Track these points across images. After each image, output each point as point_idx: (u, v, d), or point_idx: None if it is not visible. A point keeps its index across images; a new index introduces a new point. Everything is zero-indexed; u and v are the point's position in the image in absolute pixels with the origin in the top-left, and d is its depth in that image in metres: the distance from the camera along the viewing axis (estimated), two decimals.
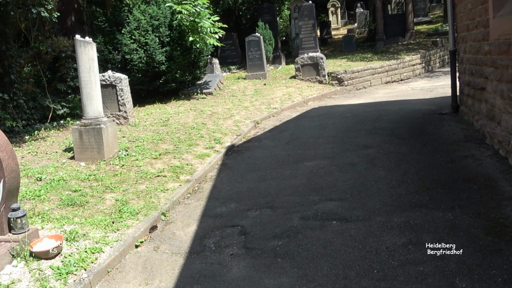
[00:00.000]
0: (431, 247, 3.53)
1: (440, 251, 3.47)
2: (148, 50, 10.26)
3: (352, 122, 8.35)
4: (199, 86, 11.83)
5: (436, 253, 3.45)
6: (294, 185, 5.31)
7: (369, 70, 13.38)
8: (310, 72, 12.96)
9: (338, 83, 12.81)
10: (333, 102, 11.19)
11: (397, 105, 9.57)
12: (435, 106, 8.85)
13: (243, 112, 9.86)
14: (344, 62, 14.77)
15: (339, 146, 6.79)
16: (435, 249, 3.50)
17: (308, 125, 8.60)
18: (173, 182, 5.58)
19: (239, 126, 8.71)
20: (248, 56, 13.28)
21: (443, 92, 10.71)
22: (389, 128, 7.55)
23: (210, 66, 13.37)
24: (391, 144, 6.57)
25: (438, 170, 5.22)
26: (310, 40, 15.74)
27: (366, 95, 11.84)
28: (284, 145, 7.31)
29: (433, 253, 3.46)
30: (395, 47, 17.25)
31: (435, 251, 3.47)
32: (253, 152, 7.07)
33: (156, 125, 8.29)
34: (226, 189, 5.49)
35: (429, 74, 14.84)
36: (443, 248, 3.49)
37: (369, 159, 5.97)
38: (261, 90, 11.93)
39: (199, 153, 6.81)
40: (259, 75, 13.30)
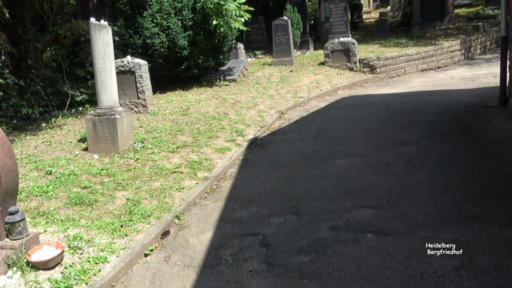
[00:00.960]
0: (492, 273, 2.95)
1: (501, 280, 2.89)
2: (170, 34, 9.78)
3: (386, 115, 7.69)
4: (223, 73, 11.31)
5: (496, 283, 2.88)
6: (322, 187, 4.76)
7: (404, 57, 12.56)
8: (340, 59, 12.25)
9: (370, 70, 12.07)
10: (365, 91, 10.50)
11: (436, 96, 8.83)
12: (479, 98, 8.09)
13: (268, 101, 9.31)
14: (377, 48, 13.96)
15: (372, 142, 6.19)
16: (495, 277, 2.92)
17: (337, 117, 7.98)
18: (190, 180, 5.11)
19: (263, 116, 8.17)
20: (275, 41, 12.66)
21: (487, 82, 9.88)
22: (428, 122, 6.87)
23: (234, 51, 12.82)
24: (431, 141, 5.92)
25: (489, 174, 4.58)
26: (341, 24, 14.98)
27: (401, 84, 11.08)
28: (312, 139, 6.75)
29: (493, 282, 2.88)
30: (432, 32, 16.25)
31: (495, 281, 2.89)
32: (278, 147, 6.54)
33: (175, 114, 7.84)
34: (247, 189, 4.99)
35: (469, 62, 13.88)
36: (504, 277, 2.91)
37: (407, 158, 5.36)
38: (287, 77, 11.32)
39: (219, 146, 6.32)
40: (285, 61, 12.68)
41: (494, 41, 15.74)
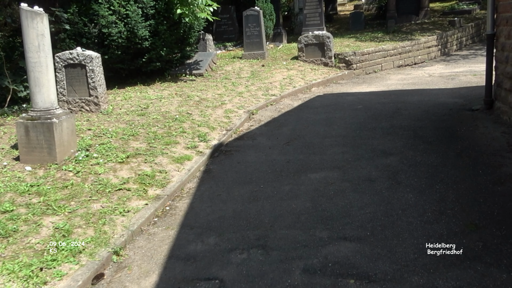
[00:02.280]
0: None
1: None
2: (129, 23, 8.85)
3: (364, 117, 7.04)
4: (189, 66, 10.44)
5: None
6: (295, 211, 4.04)
7: (381, 52, 11.98)
8: (315, 53, 11.56)
9: (345, 66, 11.43)
10: (340, 89, 9.84)
11: (416, 96, 8.25)
12: (462, 99, 7.53)
13: (237, 99, 8.53)
14: (352, 42, 13.34)
15: (351, 151, 5.51)
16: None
17: (312, 119, 7.28)
18: (138, 199, 4.31)
19: (231, 117, 7.40)
20: (246, 32, 11.85)
21: (467, 81, 9.38)
22: (410, 127, 6.25)
23: (202, 43, 11.95)
24: (416, 151, 5.29)
25: (485, 196, 3.95)
26: (315, 17, 14.29)
27: (378, 81, 10.48)
28: (283, 145, 6.02)
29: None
30: (408, 26, 15.76)
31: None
32: (245, 155, 5.79)
33: (132, 114, 6.97)
34: (206, 211, 4.22)
35: (446, 58, 13.44)
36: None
37: (390, 173, 4.70)
38: (258, 73, 10.56)
39: (177, 155, 5.52)
40: (257, 55, 11.91)
41: (470, 37, 15.38)
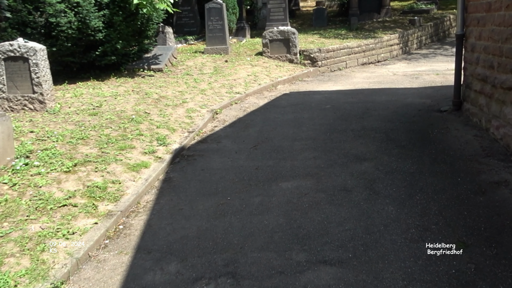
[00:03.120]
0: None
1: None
2: (80, 12, 8.13)
3: (333, 118, 6.72)
4: (147, 61, 9.81)
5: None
6: (267, 228, 3.63)
7: (345, 49, 11.75)
8: (280, 49, 11.18)
9: (311, 63, 11.12)
10: (307, 86, 9.52)
11: (383, 95, 8.02)
12: (430, 100, 7.35)
13: (199, 97, 8.02)
14: (317, 39, 13.06)
15: (323, 156, 5.15)
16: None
17: (279, 119, 6.89)
18: (86, 217, 3.77)
19: (193, 117, 6.89)
20: (208, 26, 11.30)
21: (431, 80, 9.27)
22: (382, 129, 5.98)
23: (162, 36, 11.30)
24: (390, 155, 5.00)
25: (469, 208, 3.69)
26: (279, 11, 13.94)
27: (343, 79, 10.23)
28: (251, 149, 5.60)
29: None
30: (370, 24, 15.68)
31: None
32: (209, 161, 5.32)
33: (82, 114, 6.34)
34: (166, 230, 3.73)
35: (407, 57, 13.42)
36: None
37: (367, 181, 4.37)
38: (221, 69, 10.06)
39: (133, 162, 4.98)
40: (220, 50, 11.39)
41: (429, 36, 15.46)
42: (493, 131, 5.21)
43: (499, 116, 5.10)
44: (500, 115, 5.07)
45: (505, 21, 4.85)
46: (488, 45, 5.38)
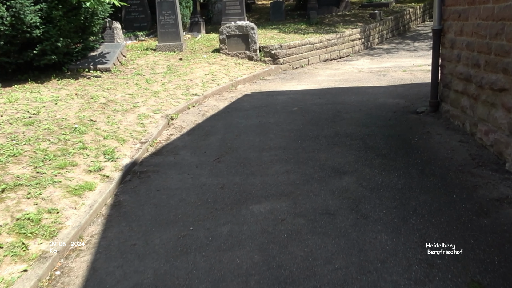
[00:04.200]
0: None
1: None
2: (13, 6, 7.11)
3: (303, 122, 6.13)
4: (93, 60, 8.85)
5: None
6: (240, 269, 2.96)
7: (307, 45, 11.22)
8: (238, 46, 10.49)
9: (272, 60, 10.51)
10: (269, 86, 8.89)
11: (353, 95, 7.51)
12: (403, 100, 6.91)
13: (152, 100, 7.21)
14: (276, 34, 12.46)
15: (296, 170, 4.54)
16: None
17: (243, 125, 6.23)
18: (14, 263, 2.96)
19: (145, 125, 6.10)
20: (160, 21, 10.43)
21: (399, 77, 8.88)
22: (357, 135, 5.44)
23: (109, 32, 10.33)
24: (372, 167, 4.45)
25: (474, 234, 3.17)
26: (236, 5, 13.25)
27: (307, 77, 9.68)
28: (214, 162, 4.90)
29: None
30: (330, 18, 15.27)
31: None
32: (166, 178, 4.58)
33: (16, 123, 5.42)
34: (115, 276, 2.99)
35: (369, 52, 13.09)
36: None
37: (351, 201, 3.79)
38: (176, 67, 9.26)
39: (75, 183, 4.17)
40: (173, 46, 10.56)
41: (390, 30, 15.25)
42: (480, 137, 4.77)
43: (487, 120, 4.67)
44: (489, 119, 4.63)
45: (495, 15, 4.39)
46: (472, 41, 4.93)
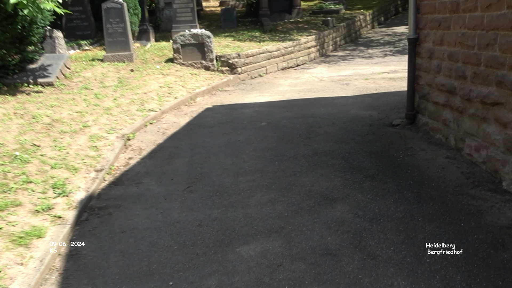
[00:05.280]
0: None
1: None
2: None
3: (276, 140, 5.64)
4: (32, 73, 7.92)
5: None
6: None
7: (265, 53, 10.80)
8: (194, 55, 9.88)
9: (229, 70, 9.98)
10: (230, 98, 8.36)
11: (321, 107, 7.14)
12: (376, 111, 6.61)
13: (104, 118, 6.47)
14: (231, 42, 11.95)
15: (281, 198, 4.03)
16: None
17: (211, 144, 5.65)
18: None
19: (99, 148, 5.38)
20: (107, 29, 9.61)
21: (363, 86, 8.62)
22: (337, 153, 5.03)
23: (50, 41, 9.37)
24: (363, 192, 4.03)
25: (500, 273, 2.81)
26: (187, 12, 12.64)
27: (268, 87, 9.24)
28: (184, 192, 4.30)
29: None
30: (283, 25, 14.97)
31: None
32: (131, 214, 3.93)
33: None
34: None
35: (325, 59, 12.88)
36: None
37: (352, 235, 3.33)
38: (128, 80, 8.50)
39: (20, 229, 3.44)
40: (123, 57, 9.78)
41: (343, 37, 15.16)
42: (470, 153, 4.49)
43: (476, 135, 4.39)
44: (478, 134, 4.36)
45: (485, 24, 4.12)
46: (456, 51, 4.66)
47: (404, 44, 13.76)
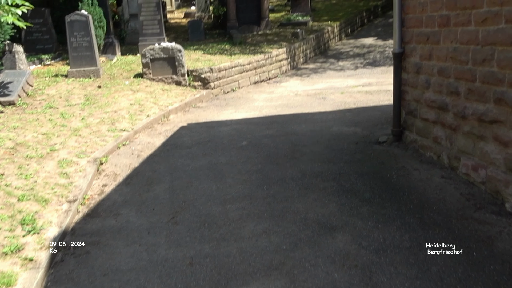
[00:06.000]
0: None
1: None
2: None
3: (260, 161, 5.36)
4: None
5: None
6: None
7: (237, 67, 10.53)
8: (164, 70, 9.48)
9: (202, 85, 9.64)
10: (205, 115, 8.02)
11: (302, 123, 6.91)
12: (359, 128, 6.44)
13: (73, 140, 6.00)
14: (201, 55, 11.63)
15: (275, 228, 3.74)
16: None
17: (191, 168, 5.30)
18: None
19: (70, 175, 4.93)
20: (71, 44, 9.08)
21: (341, 101, 8.47)
22: (327, 174, 4.79)
23: (9, 57, 8.75)
24: (363, 218, 3.80)
25: None
26: (154, 24, 12.24)
27: (243, 103, 8.96)
28: (169, 224, 3.93)
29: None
30: (252, 37, 14.78)
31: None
32: (112, 253, 3.52)
33: None
34: None
35: (297, 72, 12.75)
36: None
37: (360, 271, 3.07)
38: (96, 97, 8.02)
39: None
40: (88, 72, 9.26)
41: (312, 49, 15.11)
42: (466, 172, 4.35)
43: (473, 154, 4.25)
44: (475, 153, 4.22)
45: (480, 39, 3.99)
46: (447, 66, 4.53)
47: (373, 56, 13.86)
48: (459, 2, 4.25)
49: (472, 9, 4.07)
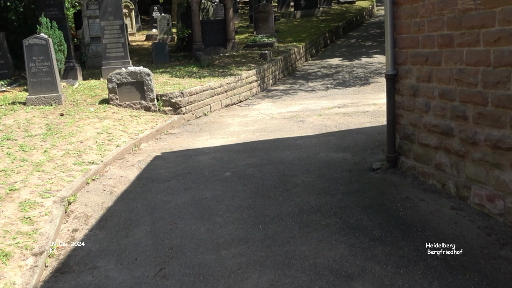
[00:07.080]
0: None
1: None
2: None
3: (248, 194, 4.86)
4: None
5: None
6: None
7: (208, 90, 10.05)
8: (132, 95, 8.88)
9: (172, 110, 9.09)
10: (179, 143, 7.46)
11: (286, 150, 6.48)
12: (349, 153, 6.07)
13: (35, 176, 5.30)
14: (169, 79, 11.09)
15: (283, 279, 3.24)
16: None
17: (172, 205, 4.73)
18: None
19: (34, 220, 4.25)
20: (30, 68, 8.34)
21: (321, 124, 8.13)
22: (327, 208, 4.35)
23: None
24: (379, 262, 3.36)
25: None
26: (118, 47, 11.63)
27: (218, 128, 8.47)
28: (157, 279, 3.35)
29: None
30: (220, 59, 14.39)
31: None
32: None
33: None
34: None
35: (267, 94, 12.41)
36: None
37: None
38: (58, 126, 7.30)
39: None
40: (49, 99, 8.52)
41: (281, 70, 14.89)
42: (480, 202, 4.01)
43: (486, 183, 3.93)
44: (489, 181, 3.90)
45: (492, 60, 3.72)
46: (451, 89, 4.24)
47: (342, 76, 13.75)
48: (464, 21, 3.98)
49: (481, 28, 3.80)
